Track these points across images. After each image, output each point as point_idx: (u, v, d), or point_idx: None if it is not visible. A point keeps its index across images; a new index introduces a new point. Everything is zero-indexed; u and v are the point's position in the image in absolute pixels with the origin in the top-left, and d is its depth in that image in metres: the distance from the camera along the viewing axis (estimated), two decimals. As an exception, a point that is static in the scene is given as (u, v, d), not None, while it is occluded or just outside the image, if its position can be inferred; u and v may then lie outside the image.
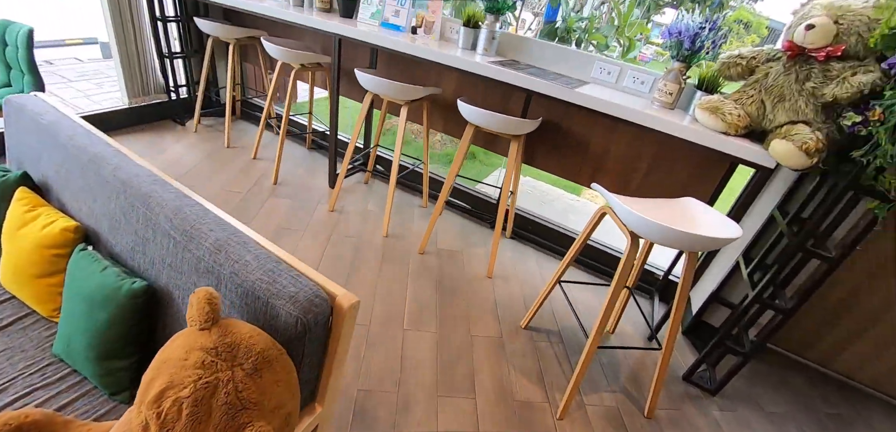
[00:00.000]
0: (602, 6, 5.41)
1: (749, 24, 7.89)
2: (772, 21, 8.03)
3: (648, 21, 8.24)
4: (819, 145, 1.40)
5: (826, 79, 1.47)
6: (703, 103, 1.67)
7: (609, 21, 2.77)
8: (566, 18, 2.80)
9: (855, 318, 2.12)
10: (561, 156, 2.46)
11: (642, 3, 5.83)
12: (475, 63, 2.07)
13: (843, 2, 1.46)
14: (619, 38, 2.75)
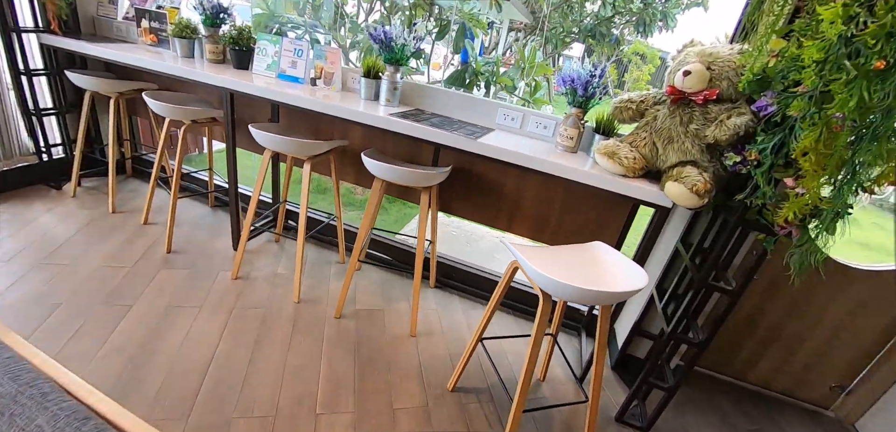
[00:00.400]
0: (513, 45, 5.65)
1: (644, 55, 8.87)
2: (663, 53, 9.10)
3: (559, 55, 8.93)
4: (707, 186, 1.45)
5: (706, 121, 1.54)
6: (600, 148, 1.68)
7: (516, 63, 2.82)
8: (474, 62, 2.80)
9: (760, 333, 2.24)
10: (476, 202, 2.40)
11: (550, 40, 6.23)
12: (375, 116, 1.95)
13: (712, 49, 1.55)
14: (526, 80, 2.81)
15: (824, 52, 1.06)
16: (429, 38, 3.25)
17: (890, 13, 0.96)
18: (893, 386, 2.12)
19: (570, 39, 5.95)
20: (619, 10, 5.38)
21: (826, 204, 1.17)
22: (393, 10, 3.39)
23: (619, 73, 10.81)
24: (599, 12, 5.33)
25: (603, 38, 5.55)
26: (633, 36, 5.82)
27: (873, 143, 1.06)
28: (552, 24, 6.06)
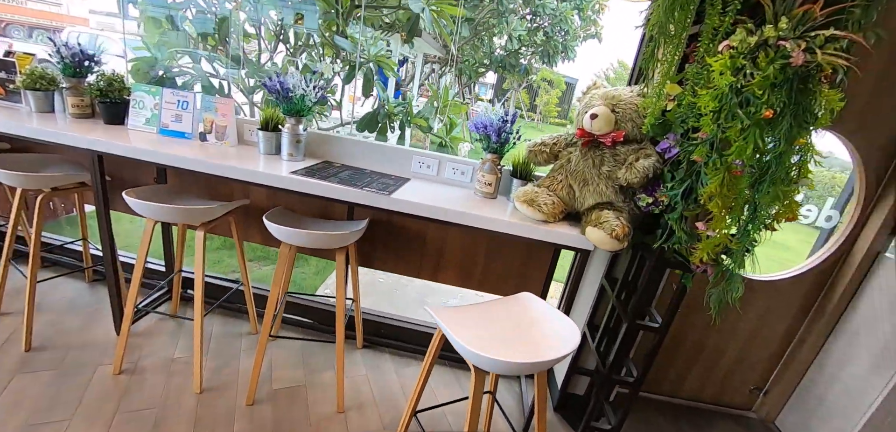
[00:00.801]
0: (430, 76, 5.66)
1: (551, 81, 9.50)
2: (568, 78, 9.84)
3: (474, 84, 9.25)
4: (625, 230, 1.43)
5: (616, 162, 1.53)
6: (520, 196, 1.62)
7: (429, 101, 2.74)
8: (385, 103, 2.68)
9: (686, 351, 2.31)
10: (399, 254, 2.24)
11: (465, 72, 6.37)
12: (274, 176, 1.73)
13: (615, 91, 1.56)
14: (441, 118, 2.74)
15: (718, 101, 1.07)
16: (340, 78, 3.08)
17: (771, 66, 0.98)
18: (802, 382, 2.29)
19: (483, 70, 6.13)
20: (525, 43, 5.66)
21: (735, 244, 1.19)
22: (297, 51, 3.17)
23: (530, 98, 11.51)
24: (507, 46, 5.56)
25: (513, 69, 5.80)
26: (539, 64, 6.15)
27: (770, 186, 1.08)
28: (464, 56, 6.20)
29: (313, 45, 3.22)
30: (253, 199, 2.32)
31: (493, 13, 5.67)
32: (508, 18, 5.56)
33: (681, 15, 1.19)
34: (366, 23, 3.20)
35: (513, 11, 5.57)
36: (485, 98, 12.45)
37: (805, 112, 1.01)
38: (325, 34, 2.95)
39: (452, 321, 1.38)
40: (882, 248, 1.97)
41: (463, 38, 5.75)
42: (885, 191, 1.90)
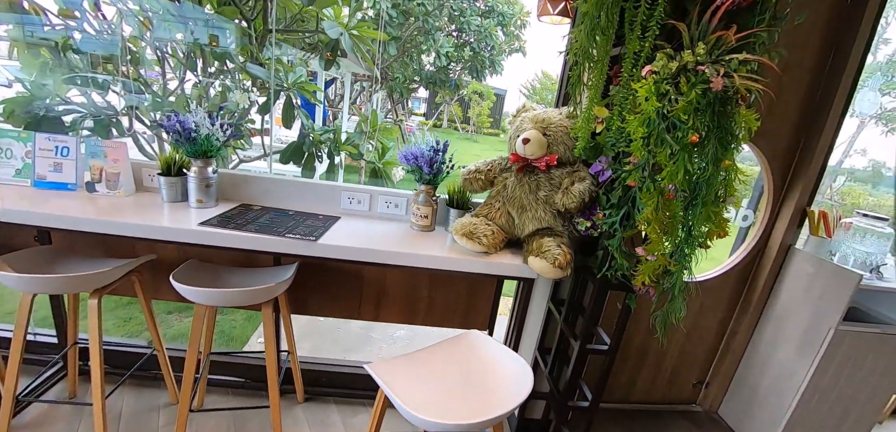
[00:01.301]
0: (360, 95, 5.49)
1: (482, 93, 9.75)
2: (497, 90, 10.17)
3: (407, 100, 9.23)
4: (567, 257, 1.39)
5: (552, 186, 1.50)
6: (457, 229, 1.53)
7: (357, 128, 2.60)
8: (310, 132, 2.49)
9: (632, 357, 2.35)
10: (335, 296, 2.07)
11: (395, 89, 6.28)
12: (177, 230, 1.51)
13: (545, 114, 1.53)
14: (372, 143, 2.61)
15: (647, 126, 1.05)
16: (259, 105, 2.84)
17: (693, 90, 0.98)
18: (737, 371, 2.42)
19: (414, 87, 6.09)
20: (453, 59, 5.70)
21: (674, 266, 1.18)
22: (210, 78, 2.89)
23: (463, 110, 11.74)
24: (435, 62, 5.56)
25: (443, 84, 5.82)
26: (469, 78, 6.24)
27: (702, 207, 1.08)
28: (394, 73, 6.12)
29: (227, 72, 2.95)
30: (161, 253, 2.03)
31: (419, 31, 5.64)
32: (435, 36, 5.56)
33: (602, 39, 1.18)
34: (290, 44, 3.00)
35: (439, 29, 5.58)
36: (419, 112, 12.46)
37: (727, 133, 1.02)
38: (238, 59, 2.70)
39: (396, 376, 1.26)
40: (792, 241, 2.13)
41: (391, 56, 5.66)
42: (790, 190, 2.06)
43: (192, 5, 2.68)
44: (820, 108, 1.93)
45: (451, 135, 12.23)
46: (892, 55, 6.13)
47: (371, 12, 5.14)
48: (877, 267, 1.95)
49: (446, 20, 5.71)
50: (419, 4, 5.24)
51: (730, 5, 1.03)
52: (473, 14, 5.53)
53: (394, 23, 5.45)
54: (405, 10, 5.44)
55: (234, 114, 2.91)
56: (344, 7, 2.70)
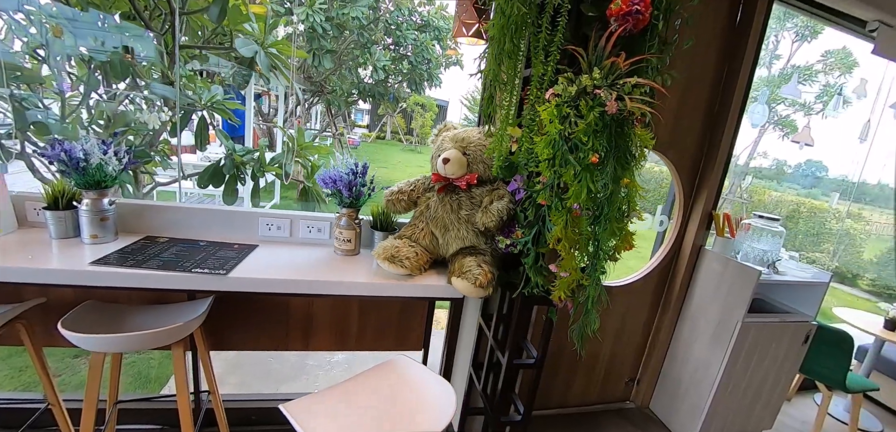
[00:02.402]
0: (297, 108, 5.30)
1: (424, 104, 9.83)
2: (439, 101, 10.31)
3: (349, 112, 9.07)
4: (488, 276, 1.39)
5: (473, 205, 1.50)
6: (379, 253, 1.49)
7: (285, 145, 2.48)
8: (232, 153, 2.34)
9: (566, 362, 2.40)
10: (259, 328, 1.94)
11: (333, 102, 6.13)
12: (64, 271, 1.34)
13: (465, 133, 1.53)
14: (299, 161, 2.50)
15: (552, 148, 1.08)
16: (178, 125, 2.62)
17: (591, 113, 1.01)
18: (663, 367, 2.55)
19: (353, 100, 5.99)
20: (390, 72, 5.68)
21: (586, 280, 1.21)
22: (117, 101, 2.64)
23: (407, 121, 11.77)
24: (373, 75, 5.50)
25: (382, 96, 5.77)
26: (408, 91, 6.24)
27: (607, 223, 1.12)
28: (332, 86, 5.98)
29: (139, 89, 2.71)
30: (54, 295, 1.81)
31: (356, 44, 5.56)
32: (372, 49, 5.50)
33: (509, 63, 1.20)
34: (201, 61, 2.81)
35: (375, 42, 5.53)
36: (362, 124, 12.31)
37: (625, 153, 1.07)
38: (154, 75, 2.49)
39: (314, 414, 1.19)
40: (702, 242, 2.29)
41: (326, 69, 5.52)
42: (697, 195, 2.22)
43: (100, 14, 2.44)
44: (718, 120, 2.10)
45: (395, 146, 12.17)
46: (783, 69, 6.93)
47: (301, 26, 5.00)
48: (773, 262, 2.14)
49: (382, 33, 5.68)
50: (354, 18, 5.17)
51: (622, 32, 1.08)
52: (409, 28, 5.54)
53: (328, 36, 5.32)
54: (340, 23, 5.33)
55: (146, 135, 2.68)
56: (269, 19, 2.58)
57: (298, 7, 5.28)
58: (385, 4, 5.34)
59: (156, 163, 2.65)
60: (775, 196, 7.96)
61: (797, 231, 7.57)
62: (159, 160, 2.61)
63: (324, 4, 5.19)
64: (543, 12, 1.13)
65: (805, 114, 6.66)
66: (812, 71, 6.68)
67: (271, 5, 5.10)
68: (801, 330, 2.33)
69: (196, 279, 1.42)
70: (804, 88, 6.59)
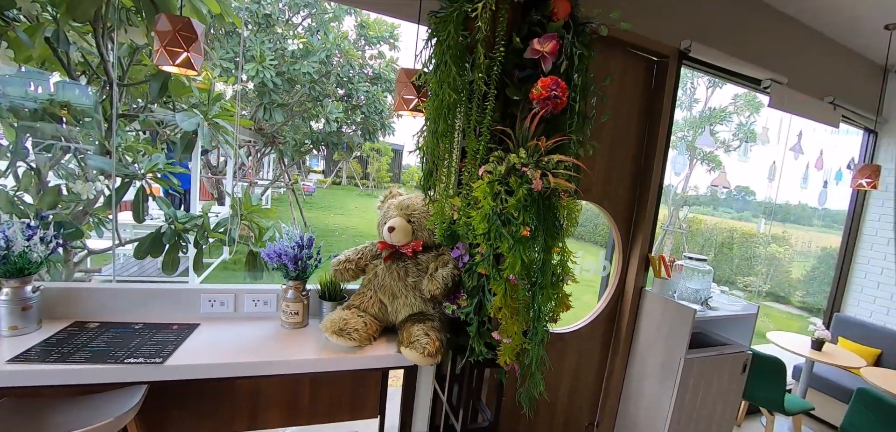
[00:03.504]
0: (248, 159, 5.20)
1: (380, 150, 10.01)
2: (394, 145, 10.54)
3: (302, 161, 9.03)
4: (436, 344, 1.41)
5: (420, 272, 1.53)
6: (327, 327, 1.47)
7: (232, 210, 2.42)
8: (173, 220, 2.26)
9: (523, 413, 2.41)
10: (201, 410, 1.83)
11: (286, 153, 6.09)
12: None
13: (409, 200, 1.58)
14: (246, 224, 2.44)
15: (487, 222, 1.14)
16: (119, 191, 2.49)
17: (520, 189, 1.09)
18: (619, 408, 2.62)
19: (306, 149, 5.97)
20: (343, 122, 5.75)
21: (528, 344, 1.26)
22: (46, 167, 2.49)
23: (362, 167, 11.88)
24: (324, 127, 5.54)
25: (335, 146, 5.80)
26: (362, 140, 6.32)
27: (542, 290, 1.18)
28: (285, 136, 5.95)
29: (73, 156, 2.57)
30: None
31: (308, 97, 5.59)
32: (324, 102, 5.55)
33: (445, 141, 1.27)
34: (143, 127, 2.73)
35: (327, 95, 5.59)
36: (318, 169, 12.21)
37: (553, 224, 1.15)
38: (92, 142, 2.37)
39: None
40: (643, 284, 2.43)
41: (277, 122, 5.50)
42: (634, 241, 2.37)
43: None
44: (645, 172, 2.29)
45: (352, 191, 12.12)
46: (701, 110, 7.68)
47: (251, 84, 4.98)
48: (705, 300, 2.30)
49: (335, 86, 5.75)
50: (305, 73, 5.22)
51: (544, 113, 1.18)
52: (362, 80, 5.67)
53: (279, 90, 5.33)
54: (291, 78, 5.37)
55: (80, 204, 2.53)
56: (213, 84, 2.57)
57: (248, 63, 5.28)
58: (337, 59, 5.46)
59: (90, 225, 2.49)
60: (711, 223, 8.60)
61: (733, 256, 8.17)
62: (93, 223, 2.47)
63: (274, 60, 5.23)
64: (473, 96, 1.22)
65: (725, 151, 7.40)
66: (726, 112, 7.45)
67: (221, 62, 5.08)
68: (738, 360, 2.49)
69: (129, 371, 1.34)
70: (721, 128, 7.33)
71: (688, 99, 7.94)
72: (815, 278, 7.51)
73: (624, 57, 2.16)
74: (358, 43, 6.88)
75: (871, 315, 3.63)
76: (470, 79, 1.22)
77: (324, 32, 5.53)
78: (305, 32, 5.73)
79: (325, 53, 5.45)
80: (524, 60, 1.26)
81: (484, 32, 1.13)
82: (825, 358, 2.99)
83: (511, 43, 1.21)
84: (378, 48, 7.19)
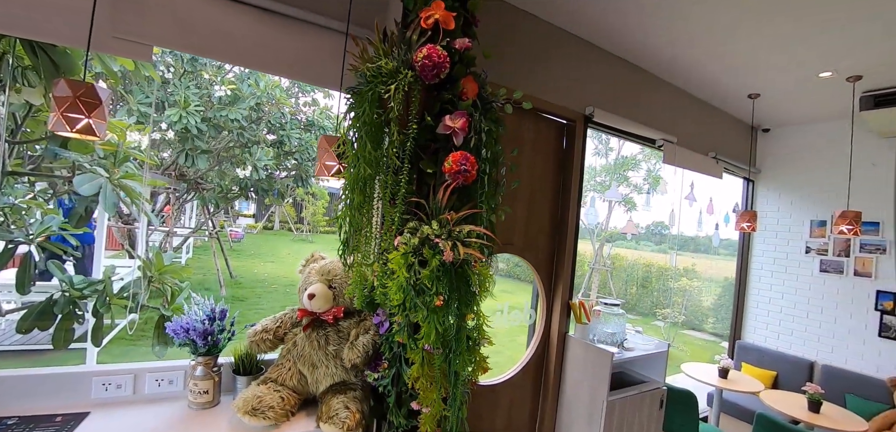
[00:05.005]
0: (168, 205, 4.81)
1: (315, 194, 9.81)
2: (330, 189, 10.41)
3: (229, 207, 8.55)
4: (357, 417, 1.37)
5: (341, 339, 1.51)
6: (239, 406, 1.38)
7: (141, 273, 2.22)
8: (67, 288, 2.02)
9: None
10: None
11: (210, 200, 5.74)
12: None
13: (331, 265, 1.56)
14: (159, 286, 2.24)
15: (402, 292, 1.16)
16: None
17: (433, 259, 1.13)
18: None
19: (233, 195, 5.68)
20: (273, 168, 5.59)
21: (449, 411, 1.27)
22: None
23: (297, 211, 11.50)
24: (252, 174, 5.33)
25: (266, 192, 5.59)
26: (295, 185, 6.15)
27: (458, 357, 1.21)
28: (210, 181, 5.63)
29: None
30: None
31: (236, 143, 5.38)
32: (252, 149, 5.37)
33: (363, 210, 1.29)
34: (31, 182, 2.46)
35: (256, 142, 5.42)
36: (248, 213, 11.60)
37: (467, 293, 1.20)
38: None
39: None
40: (566, 329, 2.56)
41: (200, 169, 5.20)
42: (556, 289, 2.51)
43: None
44: (562, 223, 2.46)
45: (285, 236, 11.60)
46: (616, 157, 8.51)
47: (171, 133, 4.69)
48: (621, 342, 2.47)
49: (265, 132, 5.59)
50: (234, 120, 5.03)
51: (455, 185, 1.25)
52: (294, 127, 5.57)
53: (204, 136, 5.08)
54: (217, 124, 5.14)
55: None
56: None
57: (171, 107, 4.99)
58: (268, 107, 5.33)
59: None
60: (632, 258, 9.33)
61: (653, 289, 8.87)
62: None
63: (199, 106, 4.99)
64: (388, 169, 1.26)
65: (638, 193, 8.24)
66: (636, 160, 8.33)
67: (138, 107, 4.74)
68: (656, 396, 2.66)
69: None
70: (632, 173, 8.21)
71: (604, 148, 8.75)
72: (722, 305, 8.33)
73: (537, 121, 2.35)
74: (291, 89, 6.79)
75: (766, 340, 4.08)
76: (385, 154, 1.27)
77: (255, 79, 5.40)
78: (235, 79, 5.56)
79: (256, 100, 5.31)
80: (438, 135, 1.33)
81: (397, 111, 1.19)
82: (730, 385, 3.29)
83: (423, 120, 1.28)
84: (312, 95, 7.15)
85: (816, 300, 3.69)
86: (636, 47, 2.57)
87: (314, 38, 1.80)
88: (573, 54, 2.47)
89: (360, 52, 1.36)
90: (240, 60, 1.78)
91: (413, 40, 1.33)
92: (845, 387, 3.40)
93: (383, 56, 1.27)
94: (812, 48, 2.41)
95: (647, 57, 2.67)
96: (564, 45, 2.42)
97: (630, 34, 2.42)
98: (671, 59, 2.68)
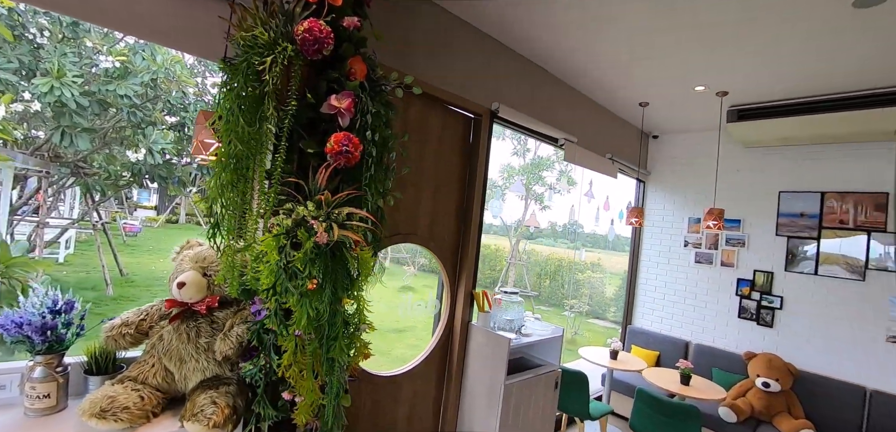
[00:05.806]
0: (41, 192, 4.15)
1: None
2: None
3: (125, 198, 7.59)
4: (226, 411, 1.27)
5: (215, 330, 1.39)
6: (86, 409, 1.22)
7: None
8: None
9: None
10: None
11: (95, 187, 5.04)
12: None
13: (208, 252, 1.44)
14: (5, 281, 1.92)
15: (274, 276, 1.10)
16: None
17: (308, 241, 1.08)
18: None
19: (125, 183, 5.03)
20: (173, 153, 5.03)
21: (325, 400, 1.23)
22: None
23: (208, 203, 10.48)
24: (146, 158, 4.77)
25: (164, 180, 5.01)
26: (199, 173, 5.61)
27: (335, 341, 1.18)
28: (97, 165, 4.93)
29: None
30: None
31: (127, 123, 4.78)
32: (146, 130, 4.80)
33: (236, 191, 1.20)
34: None
35: (152, 123, 4.86)
36: (148, 205, 10.38)
37: (343, 277, 1.17)
38: None
39: None
40: (469, 318, 2.63)
41: (82, 150, 4.55)
42: (460, 279, 2.57)
43: None
44: (466, 215, 2.52)
45: (192, 230, 10.53)
46: (532, 157, 9.00)
47: (37, 105, 4.01)
48: (519, 328, 2.59)
49: (163, 114, 5.02)
50: (123, 96, 4.46)
51: (337, 166, 1.22)
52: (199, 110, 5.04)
53: (86, 112, 4.44)
54: (103, 99, 4.53)
55: None
56: None
57: (42, 77, 4.29)
58: (166, 85, 4.77)
59: None
60: (546, 253, 9.94)
61: (563, 281, 9.53)
62: None
63: (79, 76, 4.35)
64: (264, 147, 1.19)
65: (550, 189, 8.81)
66: (550, 161, 8.87)
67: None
68: (550, 378, 2.84)
69: None
70: (546, 173, 8.73)
71: (522, 148, 9.18)
72: (621, 296, 9.19)
73: (444, 113, 2.38)
74: (197, 68, 6.18)
75: (652, 324, 4.55)
76: (260, 131, 1.19)
77: (150, 53, 4.82)
78: (128, 49, 4.92)
79: (151, 76, 4.75)
80: (322, 115, 1.28)
81: (272, 85, 1.12)
82: (619, 365, 3.61)
83: (304, 97, 1.23)
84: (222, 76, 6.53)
85: (692, 287, 4.19)
86: (543, 50, 2.71)
87: (197, 4, 1.64)
88: (478, 49, 2.53)
89: (237, 21, 1.27)
90: (103, 20, 1.57)
91: (297, 13, 1.26)
92: (712, 362, 3.91)
93: (260, 24, 1.19)
94: (689, 64, 2.72)
95: (553, 60, 2.83)
96: (469, 39, 2.47)
97: (537, 36, 2.54)
98: (574, 64, 2.87)
